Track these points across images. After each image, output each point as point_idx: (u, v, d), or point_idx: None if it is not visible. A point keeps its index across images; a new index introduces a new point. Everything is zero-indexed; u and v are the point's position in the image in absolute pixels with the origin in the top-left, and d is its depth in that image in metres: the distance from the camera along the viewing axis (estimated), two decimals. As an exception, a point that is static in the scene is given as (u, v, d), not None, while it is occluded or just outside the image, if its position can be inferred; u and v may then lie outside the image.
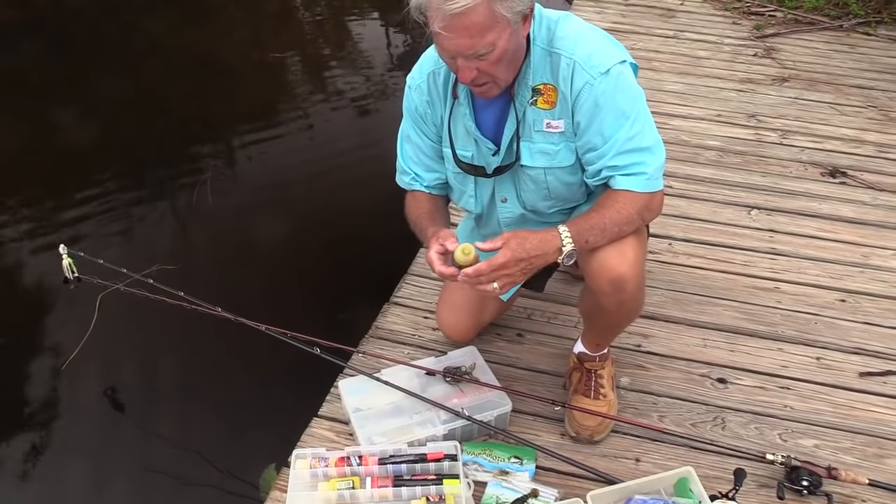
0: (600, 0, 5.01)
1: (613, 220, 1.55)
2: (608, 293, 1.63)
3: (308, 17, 5.94)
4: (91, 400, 2.56)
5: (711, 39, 4.43)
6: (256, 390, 2.52)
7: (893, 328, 2.29)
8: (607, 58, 1.53)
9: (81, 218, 3.45)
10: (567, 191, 1.71)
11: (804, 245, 2.65)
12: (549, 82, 1.56)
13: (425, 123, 1.76)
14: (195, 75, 4.78)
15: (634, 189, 1.55)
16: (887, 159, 3.22)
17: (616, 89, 1.52)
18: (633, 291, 1.65)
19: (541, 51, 1.55)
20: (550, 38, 1.55)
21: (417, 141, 1.80)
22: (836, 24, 4.64)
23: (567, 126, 1.59)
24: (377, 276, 2.58)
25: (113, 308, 2.49)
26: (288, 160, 3.90)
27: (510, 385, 1.99)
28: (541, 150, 1.64)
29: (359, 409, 1.85)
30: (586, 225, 1.54)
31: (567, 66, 1.53)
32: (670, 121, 3.47)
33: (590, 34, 1.57)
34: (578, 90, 1.53)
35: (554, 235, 1.51)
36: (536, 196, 1.73)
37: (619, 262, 1.58)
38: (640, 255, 1.64)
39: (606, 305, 1.68)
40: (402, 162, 1.85)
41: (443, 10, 1.34)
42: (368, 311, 2.34)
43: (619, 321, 1.82)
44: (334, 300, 2.87)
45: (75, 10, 5.81)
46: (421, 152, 1.81)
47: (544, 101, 1.58)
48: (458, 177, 1.78)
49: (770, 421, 1.97)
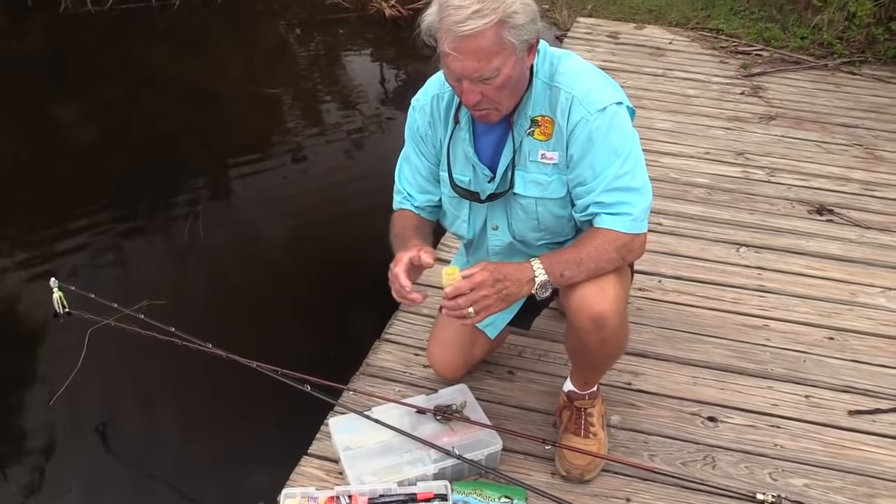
0: (590, 39, 5.10)
1: (591, 257, 1.57)
2: (589, 331, 1.64)
3: (303, 52, 6.00)
4: (79, 436, 2.53)
5: (700, 78, 4.51)
6: (246, 427, 2.49)
7: (881, 366, 2.30)
8: (605, 96, 1.58)
9: (72, 250, 3.43)
10: (556, 223, 1.73)
11: (792, 282, 2.67)
12: (547, 115, 1.61)
13: (425, 144, 1.80)
14: (190, 108, 4.81)
15: (618, 229, 1.58)
16: (873, 197, 3.27)
17: (610, 127, 1.57)
18: (615, 329, 1.65)
19: (542, 84, 1.61)
20: (552, 73, 1.61)
21: (416, 162, 1.83)
22: (822, 64, 4.74)
23: (561, 158, 1.63)
24: (369, 313, 2.58)
25: (103, 342, 2.47)
26: (281, 193, 3.92)
27: (501, 423, 1.98)
28: (534, 179, 1.67)
29: (349, 448, 1.84)
30: (560, 259, 1.57)
31: (566, 99, 1.58)
32: (660, 158, 3.52)
33: (590, 73, 1.63)
34: (575, 124, 1.58)
35: (526, 266, 1.54)
36: (526, 226, 1.75)
37: (599, 300, 1.59)
38: (622, 293, 1.65)
39: (589, 343, 1.69)
40: (399, 182, 1.89)
41: (453, 32, 1.40)
42: (360, 348, 2.34)
43: (604, 359, 1.83)
44: (326, 336, 2.86)
45: (71, 42, 5.86)
46: (418, 173, 1.84)
47: (541, 132, 1.63)
48: (453, 201, 1.81)
49: (760, 460, 1.97)
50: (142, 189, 3.94)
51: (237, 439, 2.46)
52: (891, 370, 2.29)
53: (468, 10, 1.38)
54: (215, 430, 2.50)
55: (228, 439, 2.46)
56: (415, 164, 1.84)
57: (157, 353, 2.26)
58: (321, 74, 5.60)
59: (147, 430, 2.53)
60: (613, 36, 5.17)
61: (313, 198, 3.81)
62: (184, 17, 6.15)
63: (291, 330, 2.94)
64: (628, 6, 5.86)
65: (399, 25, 6.03)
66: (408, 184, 1.87)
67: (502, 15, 1.40)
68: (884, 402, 2.16)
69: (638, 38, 5.15)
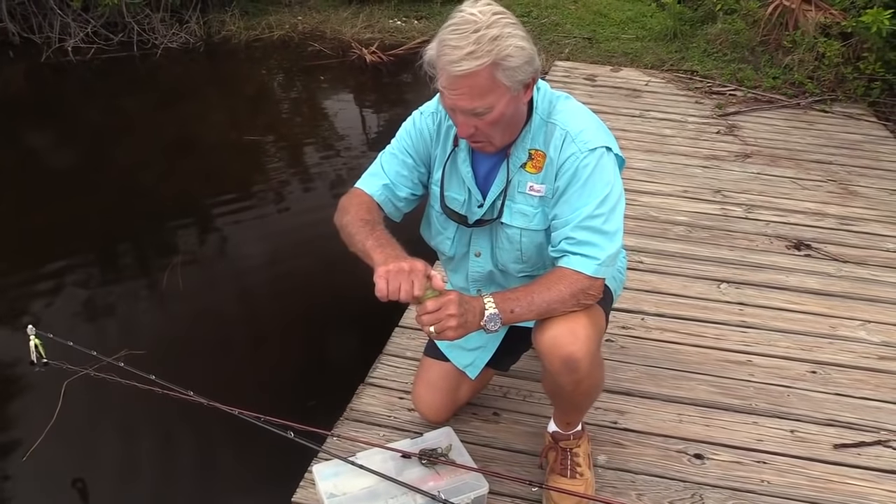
0: (568, 82, 5.20)
1: (543, 298, 1.58)
2: (562, 373, 1.64)
3: (285, 99, 6.05)
4: (56, 490, 2.47)
5: (676, 118, 4.60)
6: (229, 476, 2.45)
7: (864, 399, 2.32)
8: (597, 139, 1.63)
9: (49, 298, 3.39)
10: (538, 255, 1.75)
11: (773, 317, 2.70)
12: (541, 149, 1.66)
13: (423, 142, 1.80)
14: (171, 155, 4.82)
15: (581, 270, 1.59)
16: (849, 231, 3.32)
17: (596, 168, 1.61)
18: (588, 369, 1.65)
19: (540, 120, 1.66)
20: (550, 111, 1.67)
21: (404, 159, 1.81)
22: (794, 102, 4.85)
23: (548, 191, 1.67)
24: (352, 357, 2.56)
25: (81, 392, 2.43)
26: (262, 240, 3.90)
27: (487, 466, 1.97)
28: (520, 210, 1.71)
29: (333, 495, 1.81)
30: (513, 296, 1.58)
31: (560, 135, 1.63)
32: (639, 197, 3.56)
33: (586, 115, 1.69)
34: (565, 159, 1.62)
35: (479, 299, 1.56)
36: (509, 256, 1.77)
37: (569, 341, 1.60)
38: (593, 334, 1.64)
39: (563, 385, 1.69)
40: (378, 165, 1.84)
41: (448, 70, 1.46)
42: (344, 392, 2.32)
43: (581, 399, 1.82)
44: (309, 382, 2.83)
45: (53, 90, 5.88)
46: (403, 166, 1.81)
47: (532, 165, 1.67)
48: (441, 217, 1.83)
49: (748, 497, 1.96)
50: (121, 237, 3.92)
51: (220, 487, 2.41)
52: (873, 402, 2.30)
53: (463, 51, 1.43)
54: (197, 478, 2.46)
55: (211, 487, 2.42)
56: (402, 160, 1.81)
57: (137, 401, 2.23)
58: (303, 120, 5.65)
59: (127, 480, 2.48)
60: (591, 78, 5.28)
61: (294, 243, 3.80)
62: (166, 65, 6.20)
63: (274, 376, 2.90)
64: (605, 49, 5.99)
65: (380, 71, 6.12)
66: (390, 170, 1.82)
67: (496, 57, 1.45)
68: (867, 434, 2.17)
69: (615, 81, 5.26)
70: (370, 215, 1.74)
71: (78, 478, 2.50)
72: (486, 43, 1.44)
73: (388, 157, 1.84)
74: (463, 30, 1.45)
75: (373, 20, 6.96)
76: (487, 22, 1.45)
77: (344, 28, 6.80)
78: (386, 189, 1.81)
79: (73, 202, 4.17)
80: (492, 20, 1.45)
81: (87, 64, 6.07)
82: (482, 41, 1.43)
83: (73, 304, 3.36)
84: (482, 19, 1.45)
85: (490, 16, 1.46)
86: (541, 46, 6.23)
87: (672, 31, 6.05)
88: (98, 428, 2.66)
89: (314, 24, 6.93)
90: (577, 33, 6.45)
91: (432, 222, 1.88)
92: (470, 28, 1.44)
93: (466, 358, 2.04)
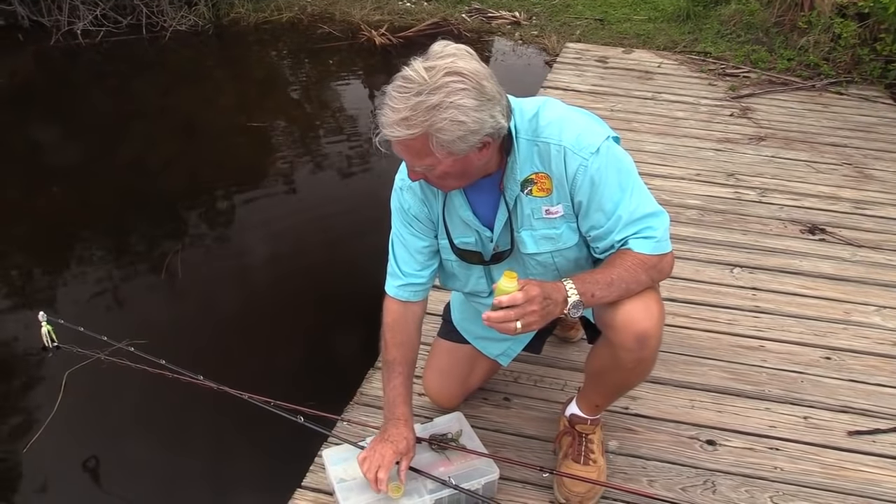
0: (580, 64, 5.14)
1: (621, 278, 1.55)
2: (632, 349, 1.61)
3: (294, 82, 6.02)
4: (67, 471, 2.48)
5: (689, 101, 4.54)
6: (239, 460, 2.46)
7: (878, 385, 2.29)
8: (594, 137, 1.56)
9: (59, 285, 3.41)
10: (575, 266, 1.71)
11: (787, 302, 2.67)
12: (541, 171, 1.59)
13: (420, 222, 1.75)
14: (180, 139, 4.81)
15: (644, 251, 1.56)
16: (864, 215, 3.28)
17: (608, 166, 1.56)
18: (655, 348, 1.63)
19: (526, 143, 1.58)
20: (535, 129, 1.58)
21: (412, 241, 1.78)
22: (809, 84, 4.78)
23: (567, 209, 1.62)
24: (362, 341, 2.55)
25: (92, 376, 2.45)
26: (272, 223, 3.89)
27: (498, 451, 1.96)
28: (544, 236, 1.66)
29: (343, 480, 1.81)
30: (592, 279, 1.53)
31: (557, 152, 1.56)
32: (651, 181, 3.52)
33: (572, 116, 1.60)
34: (573, 173, 1.56)
35: (560, 286, 1.50)
36: (546, 278, 1.71)
37: (645, 317, 1.57)
38: (663, 313, 1.63)
39: (625, 362, 1.65)
40: (395, 264, 1.80)
41: (385, 133, 1.42)
42: (353, 377, 2.32)
43: (632, 380, 1.78)
44: (319, 366, 2.83)
45: (62, 74, 5.87)
46: (417, 252, 1.78)
47: (539, 188, 1.60)
48: (459, 264, 1.78)
49: (760, 483, 1.95)
50: (131, 222, 3.92)
51: (230, 472, 2.42)
52: (888, 389, 2.28)
53: (398, 115, 1.38)
54: (208, 463, 2.47)
55: (221, 472, 2.43)
56: (411, 243, 1.78)
57: (147, 386, 2.24)
58: (312, 103, 5.62)
59: (137, 463, 2.49)
60: (602, 60, 5.22)
61: (304, 227, 3.79)
62: (174, 49, 6.17)
63: (284, 361, 2.91)
64: (616, 31, 5.92)
65: (389, 53, 6.07)
66: (406, 265, 1.79)
67: (429, 129, 1.38)
68: (883, 421, 2.15)
69: (627, 63, 5.19)
70: (397, 351, 1.80)
71: (89, 457, 2.52)
72: (422, 112, 1.36)
73: (398, 246, 1.80)
74: (406, 90, 1.37)
75: (382, 2, 6.90)
76: (432, 86, 1.36)
77: (353, 10, 6.74)
78: (404, 289, 1.80)
79: (81, 187, 4.17)
80: (438, 83, 1.36)
81: (96, 47, 6.05)
82: (418, 109, 1.36)
83: (82, 290, 3.36)
84: (427, 82, 1.36)
85: (441, 77, 1.36)
86: (552, 28, 6.17)
87: (685, 11, 5.97)
88: (108, 412, 2.67)
89: (323, 7, 6.87)
90: (589, 15, 6.38)
91: (455, 273, 1.83)
92: (412, 90, 1.36)
93: (498, 348, 2.03)
